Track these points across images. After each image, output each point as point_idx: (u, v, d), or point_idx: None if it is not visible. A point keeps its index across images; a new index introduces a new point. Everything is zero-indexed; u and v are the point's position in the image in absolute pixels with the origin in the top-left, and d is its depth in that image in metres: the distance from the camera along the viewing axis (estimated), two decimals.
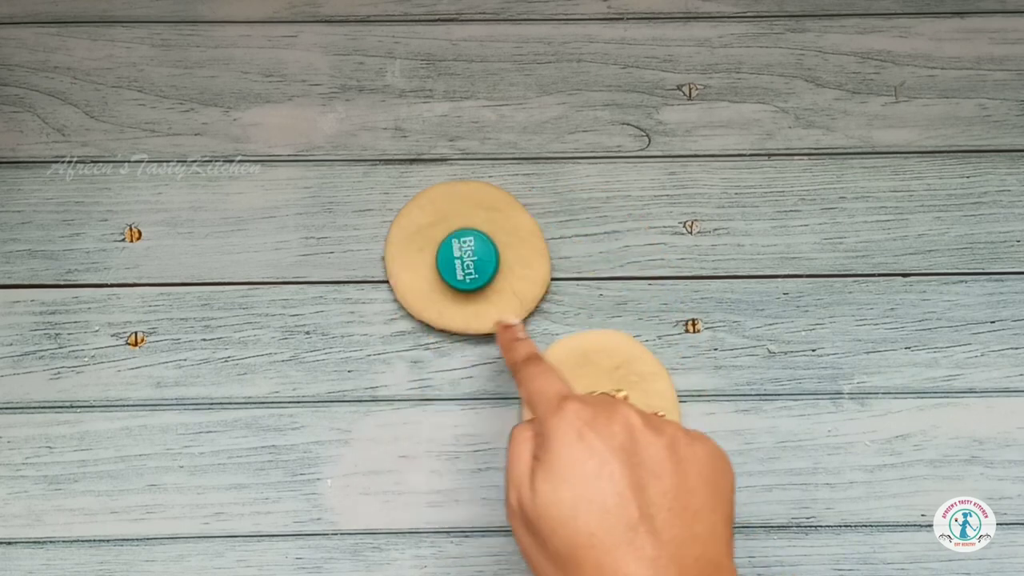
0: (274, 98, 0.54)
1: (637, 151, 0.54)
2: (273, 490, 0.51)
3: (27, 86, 0.54)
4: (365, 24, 0.55)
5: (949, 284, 0.53)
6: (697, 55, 0.55)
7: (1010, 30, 0.55)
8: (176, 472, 0.51)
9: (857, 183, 0.54)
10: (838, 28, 0.55)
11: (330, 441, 0.52)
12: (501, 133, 0.54)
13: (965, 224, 0.54)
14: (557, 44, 0.55)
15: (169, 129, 0.54)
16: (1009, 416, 0.52)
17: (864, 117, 0.54)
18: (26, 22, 0.54)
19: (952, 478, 0.52)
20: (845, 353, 0.52)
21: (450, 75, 0.54)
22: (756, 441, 0.52)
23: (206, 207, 0.53)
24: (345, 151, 0.54)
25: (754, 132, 0.54)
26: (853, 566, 0.51)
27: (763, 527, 0.51)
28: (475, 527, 0.51)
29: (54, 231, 0.53)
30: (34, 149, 0.53)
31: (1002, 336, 0.53)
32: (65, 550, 0.51)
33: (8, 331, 0.52)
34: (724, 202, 0.54)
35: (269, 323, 0.52)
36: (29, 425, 0.52)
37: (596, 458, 0.39)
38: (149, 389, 0.52)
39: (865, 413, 0.52)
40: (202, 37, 0.54)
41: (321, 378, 0.52)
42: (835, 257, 0.53)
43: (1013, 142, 0.54)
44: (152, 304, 0.52)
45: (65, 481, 0.51)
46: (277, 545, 0.51)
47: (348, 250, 0.53)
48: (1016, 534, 0.51)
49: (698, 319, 0.53)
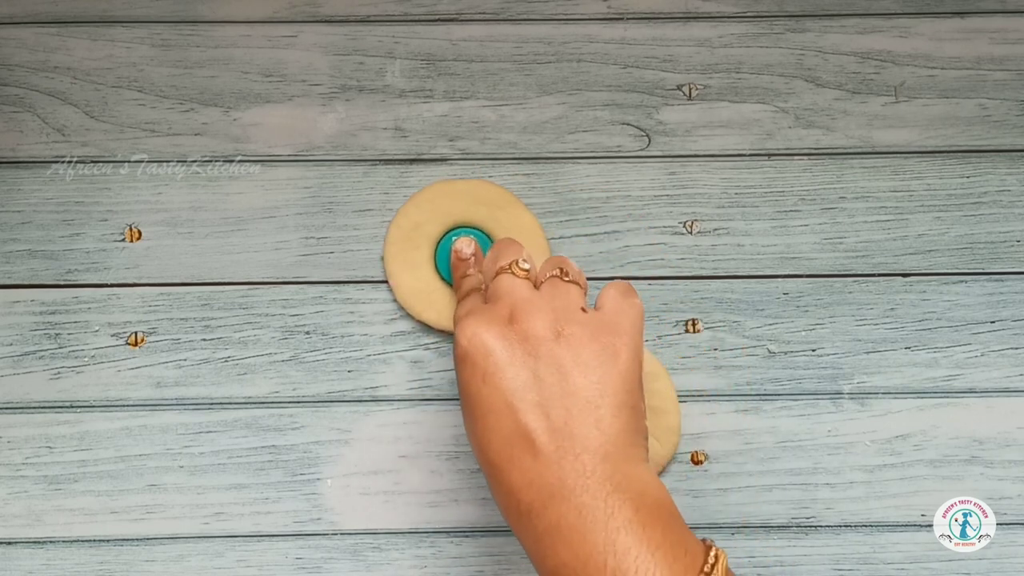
0: (274, 98, 0.54)
1: (637, 151, 0.54)
2: (273, 490, 0.51)
3: (27, 86, 0.54)
4: (365, 24, 0.55)
5: (949, 284, 0.53)
6: (697, 55, 0.55)
7: (1010, 30, 0.55)
8: (176, 472, 0.51)
9: (857, 183, 0.54)
10: (838, 28, 0.55)
11: (330, 441, 0.52)
12: (501, 133, 0.54)
13: (965, 224, 0.54)
14: (557, 44, 0.55)
15: (169, 129, 0.54)
16: (1009, 416, 0.52)
17: (864, 117, 0.54)
18: (26, 22, 0.54)
19: (952, 478, 0.52)
20: (845, 353, 0.52)
21: (450, 75, 0.54)
22: (756, 441, 0.52)
23: (206, 207, 0.53)
24: (345, 151, 0.54)
25: (754, 132, 0.54)
26: (853, 566, 0.51)
27: (763, 527, 0.51)
28: (475, 527, 0.51)
29: (54, 231, 0.53)
30: (34, 149, 0.53)
31: (1002, 336, 0.53)
32: (65, 550, 0.51)
33: (8, 331, 0.52)
34: (724, 202, 0.54)
35: (269, 323, 0.52)
36: (29, 425, 0.52)
37: (487, 394, 0.41)
38: (149, 389, 0.52)
39: (865, 413, 0.52)
40: (202, 37, 0.54)
41: (321, 378, 0.52)
42: (835, 257, 0.53)
43: (1013, 142, 0.54)
44: (152, 304, 0.52)
45: (65, 481, 0.51)
46: (277, 545, 0.51)
47: (348, 250, 0.53)
48: (1016, 534, 0.51)
49: (698, 319, 0.53)
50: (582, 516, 0.39)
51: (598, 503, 0.39)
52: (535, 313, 0.42)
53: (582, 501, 0.39)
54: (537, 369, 0.41)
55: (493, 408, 0.41)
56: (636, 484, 0.40)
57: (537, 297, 0.43)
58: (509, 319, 0.42)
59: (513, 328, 0.42)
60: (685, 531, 0.40)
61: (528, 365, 0.41)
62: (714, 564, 0.39)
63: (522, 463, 0.40)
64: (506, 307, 0.42)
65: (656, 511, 0.40)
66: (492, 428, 0.41)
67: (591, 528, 0.39)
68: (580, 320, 0.42)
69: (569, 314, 0.42)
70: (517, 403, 0.41)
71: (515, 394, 0.41)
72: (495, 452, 0.41)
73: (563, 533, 0.39)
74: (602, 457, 0.40)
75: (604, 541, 0.38)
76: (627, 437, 0.41)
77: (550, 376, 0.41)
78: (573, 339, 0.41)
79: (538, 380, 0.41)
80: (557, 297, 0.43)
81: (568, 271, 0.44)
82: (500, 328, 0.42)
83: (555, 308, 0.42)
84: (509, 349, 0.41)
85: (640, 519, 0.39)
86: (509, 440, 0.40)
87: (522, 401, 0.41)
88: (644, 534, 0.38)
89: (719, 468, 0.51)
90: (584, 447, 0.40)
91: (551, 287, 0.43)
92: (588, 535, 0.39)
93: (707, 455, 0.52)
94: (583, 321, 0.42)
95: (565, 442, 0.40)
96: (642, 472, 0.41)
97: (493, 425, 0.41)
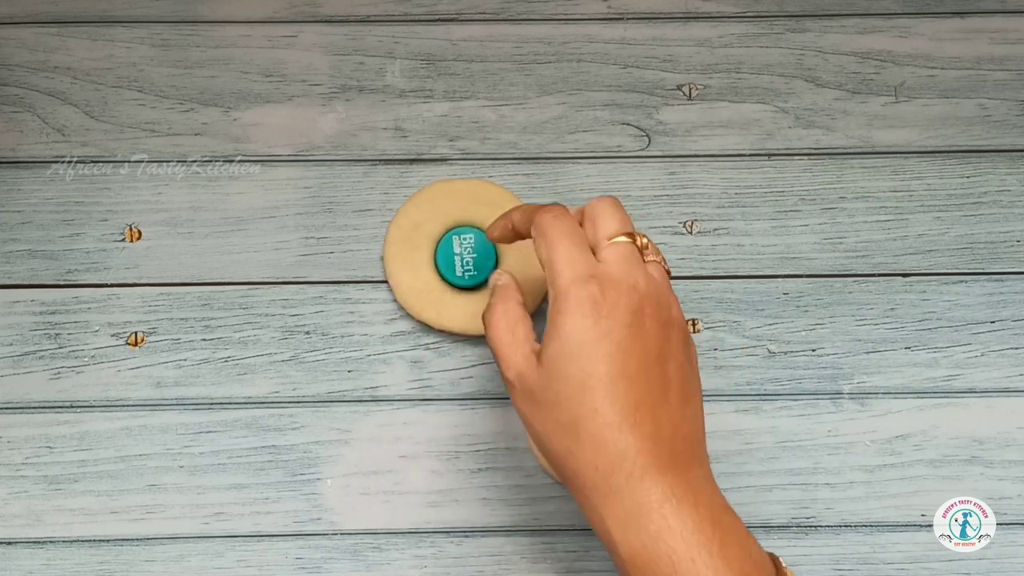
0: (274, 98, 0.54)
1: (637, 151, 0.54)
2: (273, 490, 0.51)
3: (27, 86, 0.54)
4: (365, 24, 0.55)
5: (949, 284, 0.53)
6: (697, 55, 0.55)
7: (1010, 30, 0.55)
8: (176, 472, 0.51)
9: (857, 183, 0.54)
10: (838, 28, 0.55)
11: (330, 441, 0.52)
12: (501, 133, 0.54)
13: (965, 224, 0.54)
14: (557, 44, 0.55)
15: (169, 129, 0.54)
16: (1009, 416, 0.52)
17: (864, 117, 0.54)
18: (26, 22, 0.54)
19: (952, 478, 0.52)
20: (845, 353, 0.52)
21: (450, 75, 0.54)
22: (756, 441, 0.52)
23: (206, 207, 0.53)
24: (345, 151, 0.54)
25: (754, 132, 0.54)
26: (853, 566, 0.51)
27: (763, 527, 0.51)
28: (475, 527, 0.51)
29: (54, 231, 0.53)
30: (34, 149, 0.53)
31: (1002, 336, 0.53)
32: (65, 550, 0.51)
33: (8, 331, 0.52)
34: (724, 202, 0.54)
35: (269, 323, 0.52)
36: (29, 425, 0.52)
37: (607, 340, 0.41)
38: (149, 389, 0.52)
39: (865, 413, 0.52)
40: (202, 37, 0.54)
41: (321, 378, 0.52)
42: (835, 257, 0.53)
43: (1013, 142, 0.54)
44: (152, 304, 0.52)
45: (65, 481, 0.51)
46: (277, 545, 0.51)
47: (348, 250, 0.53)
48: (1016, 534, 0.51)
49: (698, 319, 0.53)
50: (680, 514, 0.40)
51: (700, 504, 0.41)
52: (660, 295, 0.43)
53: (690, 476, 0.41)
54: (660, 348, 0.42)
55: (624, 372, 0.41)
56: (709, 491, 0.42)
57: (656, 281, 0.43)
58: (637, 291, 0.42)
59: (643, 303, 0.42)
60: (749, 540, 0.42)
61: (653, 343, 0.42)
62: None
63: (642, 429, 0.41)
64: (634, 280, 0.42)
65: (732, 520, 0.42)
66: (618, 390, 0.41)
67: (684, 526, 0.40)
68: (680, 311, 0.44)
69: (675, 303, 0.44)
70: (644, 373, 0.41)
71: (643, 365, 0.41)
72: (616, 413, 0.41)
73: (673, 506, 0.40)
74: (699, 462, 0.43)
75: (685, 545, 0.40)
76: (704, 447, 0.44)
77: (671, 358, 0.42)
78: (681, 327, 0.43)
79: (663, 357, 0.42)
80: (666, 285, 0.44)
81: (658, 254, 0.45)
82: (634, 300, 0.42)
83: (668, 295, 0.44)
84: (642, 321, 0.42)
85: (721, 531, 0.41)
86: (635, 407, 0.41)
87: (649, 373, 0.41)
88: (719, 548, 0.40)
89: (719, 468, 0.51)
90: (690, 430, 0.42)
91: (658, 272, 0.44)
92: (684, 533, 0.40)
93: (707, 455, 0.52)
94: (681, 312, 0.44)
95: (681, 424, 0.42)
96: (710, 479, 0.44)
97: (620, 389, 0.41)
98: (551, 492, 0.51)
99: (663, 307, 0.42)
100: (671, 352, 0.42)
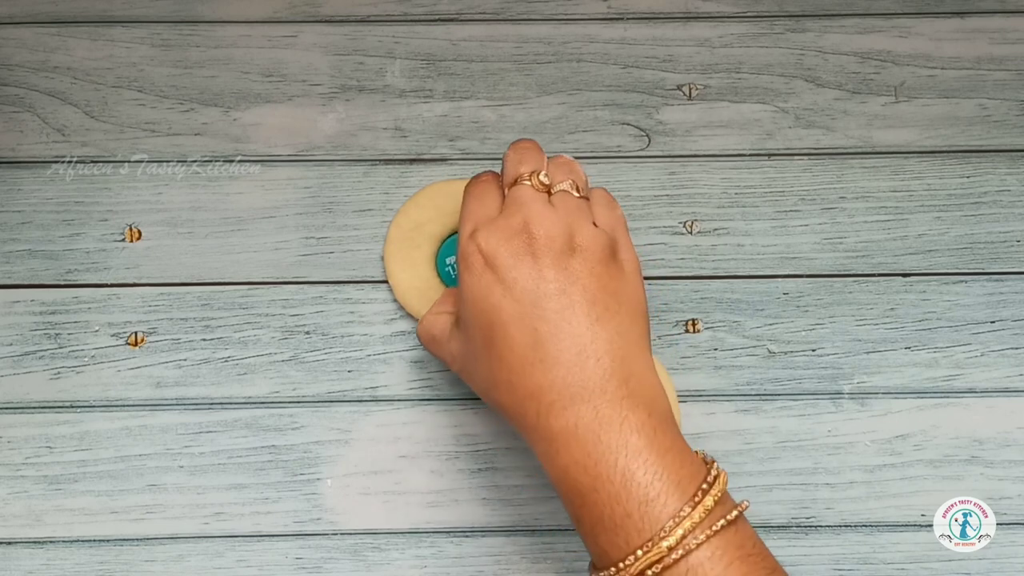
0: (274, 98, 0.54)
1: (637, 151, 0.54)
2: (273, 490, 0.51)
3: (27, 86, 0.54)
4: (365, 24, 0.55)
5: (949, 284, 0.53)
6: (697, 55, 0.55)
7: (1010, 30, 0.55)
8: (176, 472, 0.51)
9: (857, 183, 0.54)
10: (838, 28, 0.55)
11: (330, 441, 0.52)
12: (501, 133, 0.54)
13: (965, 224, 0.54)
14: (557, 44, 0.55)
15: (169, 129, 0.54)
16: (1009, 416, 0.52)
17: (864, 117, 0.54)
18: (26, 22, 0.54)
19: (952, 478, 0.52)
20: (845, 353, 0.52)
21: (450, 75, 0.54)
22: (756, 441, 0.52)
23: (206, 207, 0.53)
24: (345, 151, 0.54)
25: (754, 132, 0.54)
26: (853, 566, 0.51)
27: (763, 527, 0.51)
28: (475, 527, 0.51)
29: (54, 231, 0.53)
30: (34, 149, 0.53)
31: (1002, 336, 0.53)
32: (65, 550, 0.51)
33: (8, 331, 0.52)
34: (724, 202, 0.54)
35: (269, 323, 0.52)
36: (29, 425, 0.52)
37: (495, 289, 0.43)
38: (149, 389, 0.52)
39: (865, 413, 0.52)
40: (202, 37, 0.54)
41: (321, 378, 0.52)
42: (835, 257, 0.53)
43: (1013, 142, 0.54)
44: (152, 304, 0.52)
45: (65, 481, 0.51)
46: (277, 545, 0.51)
47: (348, 250, 0.53)
48: (1016, 534, 0.51)
49: (698, 319, 0.53)
50: (599, 417, 0.41)
51: (614, 405, 0.41)
52: (551, 227, 0.43)
53: (600, 403, 0.41)
54: (556, 279, 0.42)
55: (514, 316, 0.42)
56: (648, 390, 0.42)
57: (552, 211, 0.44)
58: (524, 230, 0.43)
59: (530, 240, 0.43)
60: (687, 444, 0.42)
61: (547, 276, 0.42)
62: (716, 477, 0.41)
63: (544, 366, 0.41)
64: (520, 219, 0.43)
65: (666, 418, 0.42)
66: (512, 336, 0.42)
67: (605, 429, 0.40)
68: (592, 234, 0.44)
69: (582, 228, 0.44)
70: (539, 310, 0.42)
71: (536, 303, 0.42)
72: (517, 357, 0.42)
73: (579, 433, 0.41)
74: (620, 361, 0.42)
75: (617, 442, 0.40)
76: (643, 342, 0.43)
77: (570, 286, 0.42)
78: (587, 252, 0.43)
79: (559, 290, 0.42)
80: (571, 212, 0.44)
81: (579, 186, 0.46)
82: (518, 240, 0.43)
83: (569, 223, 0.44)
84: (529, 260, 0.43)
85: (652, 423, 0.41)
86: (532, 345, 0.42)
87: (544, 309, 0.42)
88: (655, 438, 0.41)
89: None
90: (605, 350, 0.41)
91: (563, 200, 0.44)
92: (602, 435, 0.40)
93: (707, 455, 0.52)
94: (595, 235, 0.44)
95: (588, 346, 0.41)
96: (653, 379, 0.43)
97: (514, 333, 0.42)
98: (551, 492, 0.51)
99: (557, 237, 0.43)
100: (574, 278, 0.42)
